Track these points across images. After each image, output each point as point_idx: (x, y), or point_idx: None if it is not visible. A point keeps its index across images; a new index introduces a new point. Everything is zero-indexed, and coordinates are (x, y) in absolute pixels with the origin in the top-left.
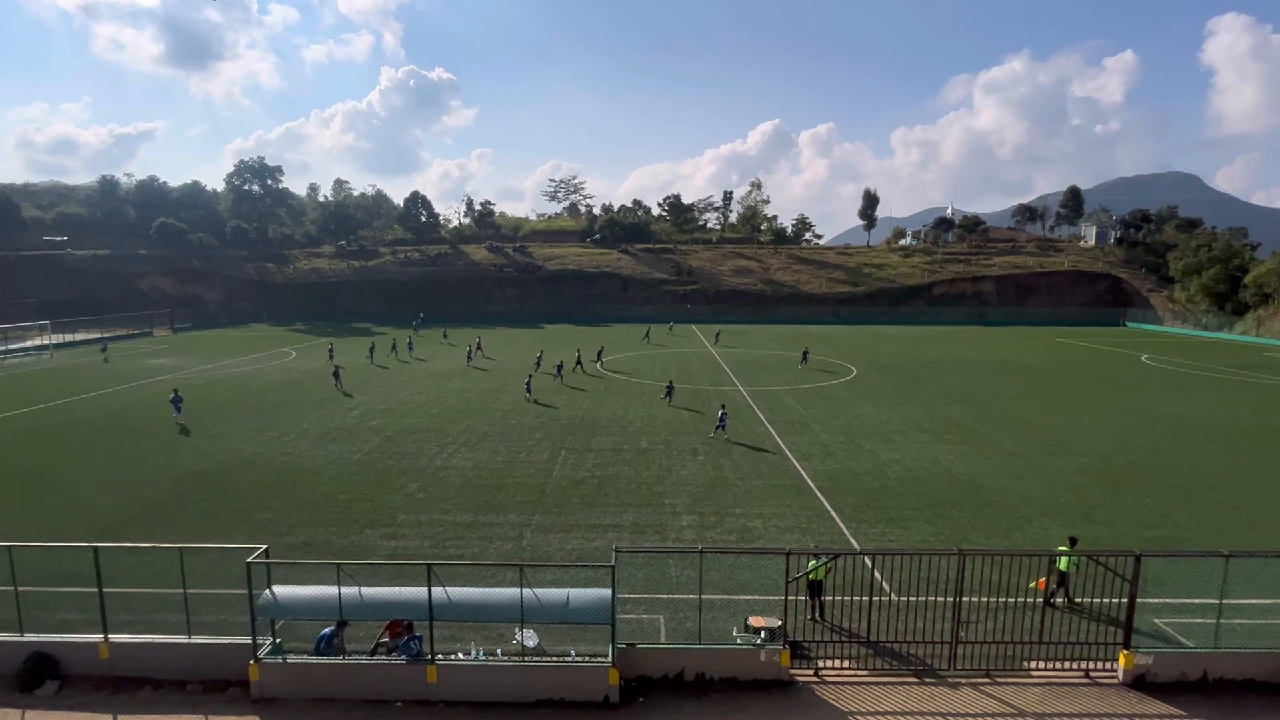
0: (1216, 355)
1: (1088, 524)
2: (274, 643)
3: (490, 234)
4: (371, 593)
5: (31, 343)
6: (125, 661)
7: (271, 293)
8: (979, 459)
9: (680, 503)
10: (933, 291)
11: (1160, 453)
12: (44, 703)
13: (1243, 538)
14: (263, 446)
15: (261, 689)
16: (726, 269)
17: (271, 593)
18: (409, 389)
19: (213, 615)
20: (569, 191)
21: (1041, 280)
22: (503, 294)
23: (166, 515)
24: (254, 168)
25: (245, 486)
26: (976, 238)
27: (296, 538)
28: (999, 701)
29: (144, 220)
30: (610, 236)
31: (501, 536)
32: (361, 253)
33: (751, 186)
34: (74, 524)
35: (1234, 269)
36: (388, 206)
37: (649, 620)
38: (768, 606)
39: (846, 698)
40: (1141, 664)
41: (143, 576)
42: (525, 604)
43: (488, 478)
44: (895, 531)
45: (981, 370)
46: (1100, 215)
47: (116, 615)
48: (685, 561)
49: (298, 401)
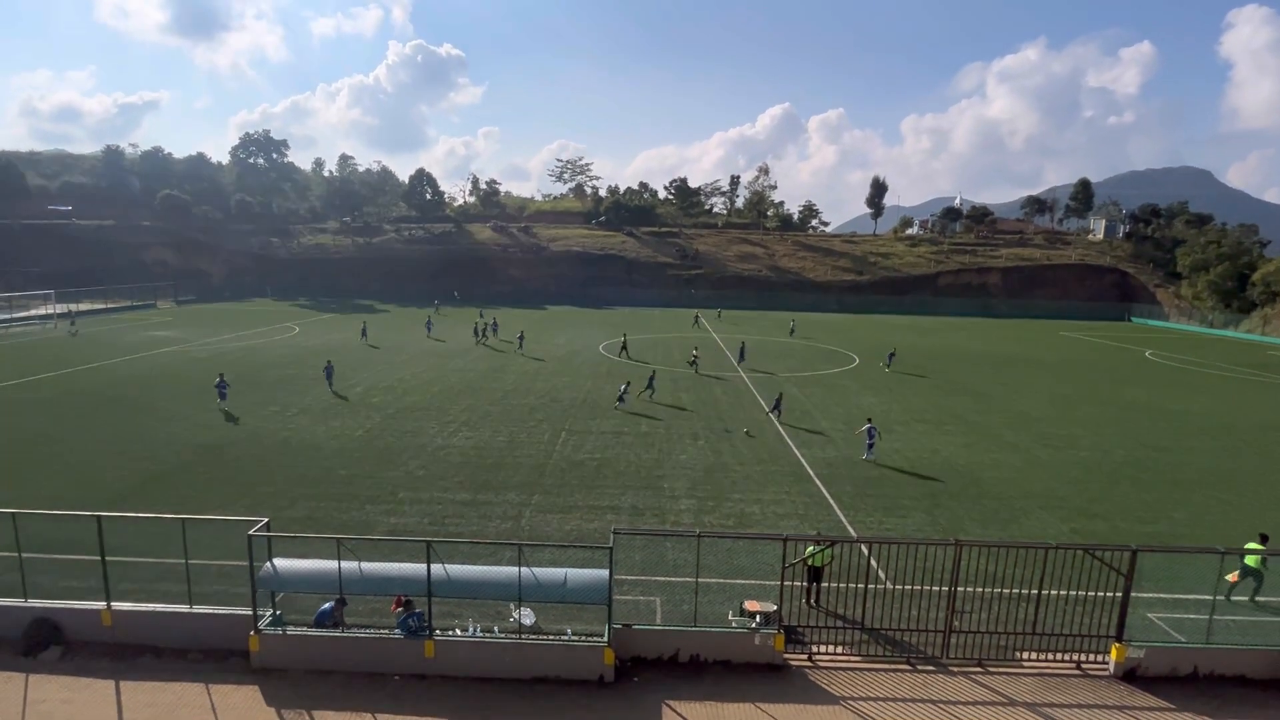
0: (1221, 353)
1: (1085, 517)
2: (274, 614)
3: (495, 213)
4: (371, 568)
5: (36, 312)
6: (127, 629)
7: (275, 267)
8: (979, 450)
9: (679, 487)
10: (938, 282)
11: (1160, 449)
12: (47, 667)
13: (1240, 535)
14: (265, 421)
15: (261, 659)
16: (731, 254)
17: (272, 565)
18: (410, 368)
19: (214, 586)
20: (575, 172)
21: (1048, 273)
22: (506, 274)
23: (169, 486)
24: (259, 141)
25: (247, 460)
26: (984, 228)
27: (297, 511)
28: (990, 690)
29: (148, 191)
30: (615, 219)
31: (501, 515)
32: (366, 229)
33: (759, 171)
34: (77, 493)
35: (1242, 266)
36: (393, 183)
37: (645, 602)
38: (764, 591)
39: (839, 682)
40: (1133, 657)
41: (145, 546)
42: (523, 582)
43: (488, 457)
44: (893, 520)
45: (984, 362)
46: (1110, 209)
47: (119, 584)
48: (683, 545)
49: (300, 377)
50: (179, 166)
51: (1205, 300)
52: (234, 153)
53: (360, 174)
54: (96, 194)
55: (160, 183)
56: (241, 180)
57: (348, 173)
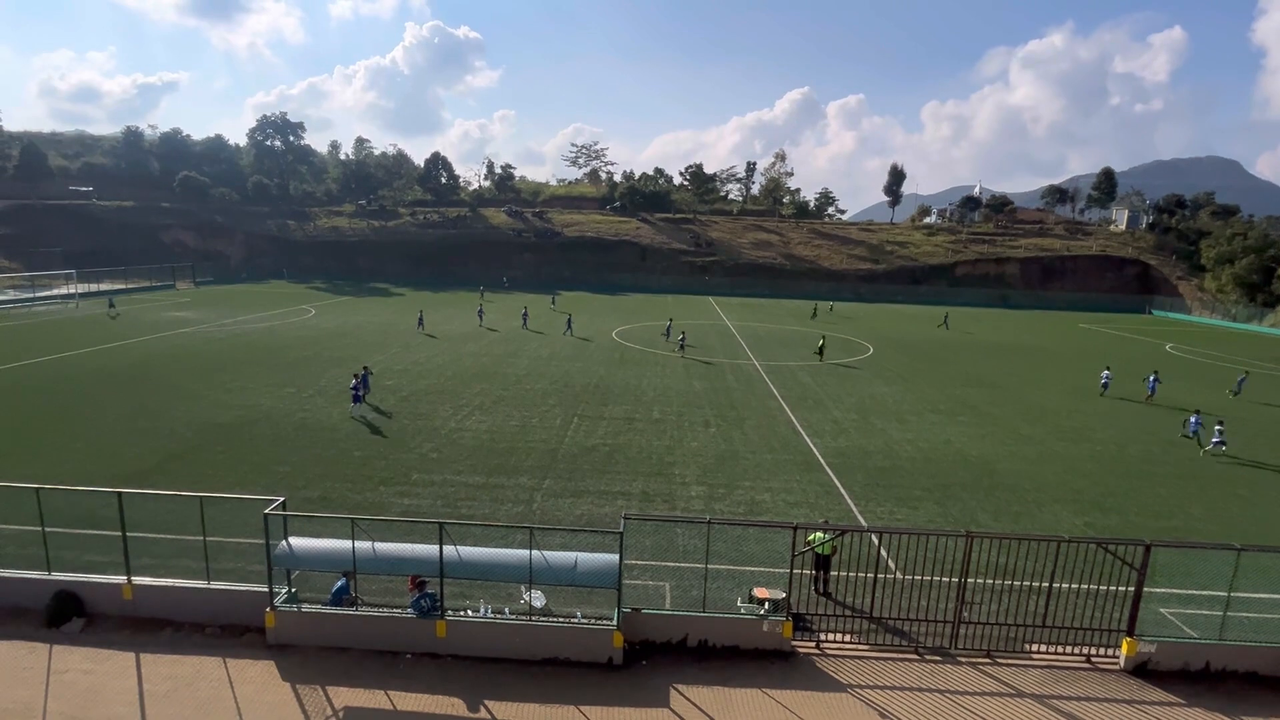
0: (1244, 347)
1: (1099, 511)
2: (289, 592)
3: (510, 198)
4: (385, 548)
5: (58, 291)
6: (147, 603)
7: (292, 249)
8: (992, 442)
9: (690, 473)
10: (955, 272)
11: (1177, 444)
12: (69, 639)
13: (1256, 532)
14: (281, 401)
15: (277, 635)
16: (746, 241)
17: (288, 544)
18: (424, 350)
19: (231, 563)
20: (590, 157)
21: (1068, 264)
22: (520, 259)
23: (187, 465)
24: (276, 123)
25: (264, 440)
26: (1003, 218)
27: (313, 491)
28: (998, 681)
29: (167, 173)
30: (630, 205)
31: (513, 499)
32: (381, 212)
33: (775, 158)
34: (99, 469)
35: (1269, 259)
36: (408, 167)
37: (654, 587)
38: (773, 579)
39: (847, 670)
40: (1144, 652)
41: (164, 523)
42: (534, 565)
43: (501, 441)
44: (904, 511)
45: (1000, 353)
46: (1133, 199)
47: (139, 559)
48: (693, 531)
49: (316, 359)
50: (197, 148)
51: (1229, 294)
52: (251, 135)
53: (376, 157)
54: (117, 175)
55: (179, 164)
56: (259, 162)
57: (364, 156)
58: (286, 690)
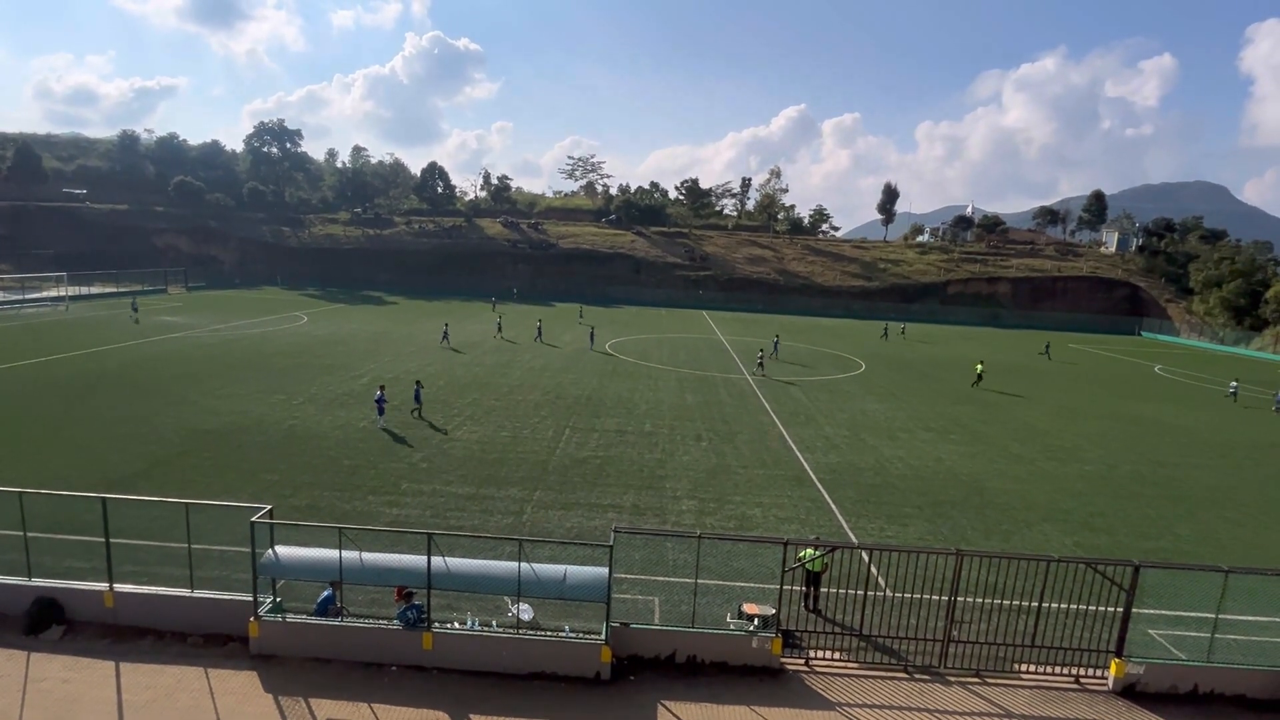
0: (1231, 370)
1: (1088, 531)
2: (274, 601)
3: (506, 209)
4: (372, 558)
5: (49, 293)
6: (129, 611)
7: (286, 256)
8: (983, 460)
9: (681, 487)
10: (947, 290)
11: (1166, 464)
12: (49, 646)
13: (1244, 554)
14: (271, 408)
15: (260, 645)
16: (740, 256)
17: (274, 552)
18: (416, 360)
19: (215, 571)
20: (586, 170)
21: (1058, 285)
22: (515, 270)
23: (174, 471)
24: (273, 130)
25: (252, 447)
26: (995, 238)
27: (300, 500)
28: (987, 701)
29: (162, 177)
30: (625, 218)
31: (502, 510)
32: (376, 221)
33: (771, 174)
34: (83, 474)
35: (1256, 283)
36: (405, 176)
37: (644, 601)
38: (763, 594)
39: (836, 688)
40: (1133, 673)
41: (149, 529)
42: (523, 578)
43: (491, 451)
44: (894, 528)
45: (991, 372)
46: (1123, 221)
47: (122, 565)
48: (683, 545)
49: (307, 366)
50: (193, 153)
51: (1217, 316)
52: (248, 141)
53: (373, 166)
54: (111, 178)
55: (174, 169)
56: (255, 168)
57: (360, 164)
58: (269, 701)
